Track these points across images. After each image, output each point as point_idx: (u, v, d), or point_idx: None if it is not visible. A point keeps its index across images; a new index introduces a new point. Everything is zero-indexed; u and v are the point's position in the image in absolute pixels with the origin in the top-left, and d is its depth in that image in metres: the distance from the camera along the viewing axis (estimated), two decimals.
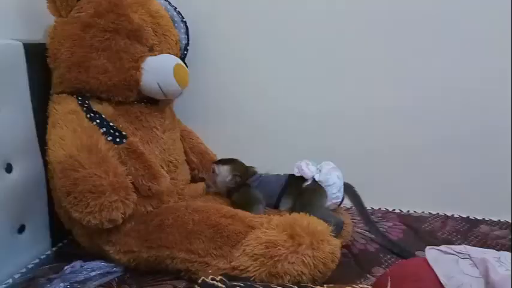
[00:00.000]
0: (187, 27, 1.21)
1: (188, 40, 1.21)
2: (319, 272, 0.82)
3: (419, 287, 0.62)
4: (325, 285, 0.76)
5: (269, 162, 1.09)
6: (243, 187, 1.06)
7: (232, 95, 1.33)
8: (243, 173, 1.08)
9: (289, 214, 0.91)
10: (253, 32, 1.28)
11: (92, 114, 0.97)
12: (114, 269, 0.95)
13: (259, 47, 1.29)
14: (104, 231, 0.91)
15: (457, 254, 0.66)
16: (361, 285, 0.72)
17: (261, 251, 0.82)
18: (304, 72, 1.28)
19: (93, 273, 0.93)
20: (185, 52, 1.21)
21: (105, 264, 0.95)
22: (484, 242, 1.03)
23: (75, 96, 1.00)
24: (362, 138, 1.28)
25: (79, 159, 0.86)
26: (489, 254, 0.64)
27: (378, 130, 1.26)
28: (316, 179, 1.00)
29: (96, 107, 0.99)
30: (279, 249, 0.82)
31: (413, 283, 0.64)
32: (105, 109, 1.00)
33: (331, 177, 0.99)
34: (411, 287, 0.63)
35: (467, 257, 0.65)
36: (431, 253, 0.67)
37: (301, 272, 0.80)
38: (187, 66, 1.10)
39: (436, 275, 0.63)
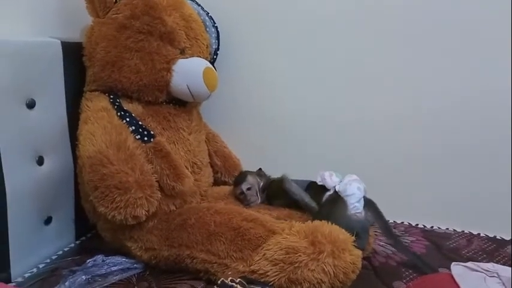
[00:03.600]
0: (218, 32, 1.23)
1: (218, 45, 1.23)
2: (339, 281, 0.81)
3: None
4: None
5: (292, 168, 1.09)
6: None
7: (259, 100, 1.34)
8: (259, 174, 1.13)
9: (311, 221, 0.90)
10: (282, 39, 1.29)
11: (122, 113, 0.99)
12: (135, 265, 0.96)
13: (287, 54, 1.29)
14: (127, 227, 0.93)
15: (484, 271, 0.64)
16: None
17: (281, 257, 0.82)
18: (334, 81, 1.27)
19: (114, 268, 0.95)
20: (215, 56, 1.23)
21: (126, 260, 0.97)
22: (510, 264, 0.99)
23: (107, 94, 1.03)
24: (387, 150, 1.26)
25: (108, 155, 0.88)
26: None
27: (403, 142, 1.24)
28: (337, 189, 0.99)
29: (126, 105, 1.02)
30: (300, 255, 0.81)
31: None
32: (135, 108, 1.03)
33: (350, 187, 0.98)
34: None
35: (496, 275, 0.63)
36: (457, 269, 0.66)
37: (321, 280, 0.80)
38: (216, 70, 1.12)
39: None
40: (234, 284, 0.75)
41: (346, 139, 1.29)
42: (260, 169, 1.15)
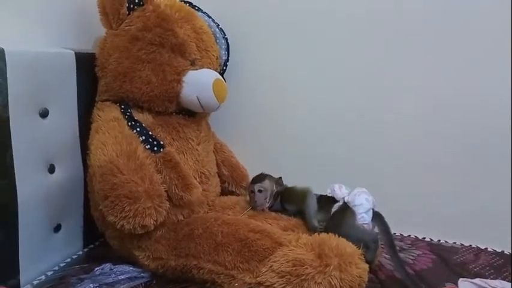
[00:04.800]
0: (228, 44, 1.25)
1: (228, 56, 1.25)
2: None
3: None
4: None
5: (300, 178, 1.10)
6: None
7: (268, 110, 1.35)
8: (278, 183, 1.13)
9: (319, 234, 0.91)
10: (291, 49, 1.30)
11: (133, 123, 1.01)
12: (142, 274, 0.97)
13: (297, 64, 1.30)
14: (135, 236, 0.94)
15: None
16: None
17: (288, 269, 0.82)
18: (346, 90, 1.28)
19: (122, 277, 0.95)
20: (224, 68, 1.25)
21: (134, 269, 0.98)
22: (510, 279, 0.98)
23: (118, 104, 1.05)
24: (396, 161, 1.26)
25: (118, 165, 0.90)
26: None
27: (414, 154, 1.24)
28: (345, 200, 1.00)
29: (137, 115, 1.04)
30: (306, 268, 0.82)
31: None
32: (145, 118, 1.05)
33: (359, 198, 0.99)
34: None
35: None
36: (465, 286, 0.66)
37: None
38: (225, 81, 1.14)
39: None
40: None
41: (358, 151, 1.29)
42: (280, 178, 1.14)
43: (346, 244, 0.85)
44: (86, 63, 1.07)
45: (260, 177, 1.11)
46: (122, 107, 1.04)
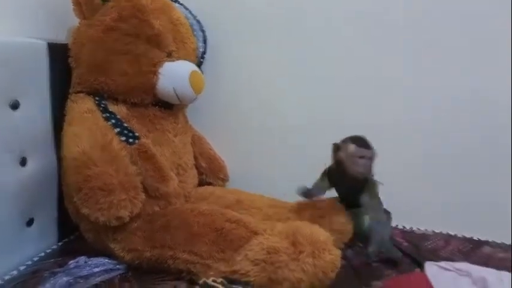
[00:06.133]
0: (205, 36, 1.25)
1: (205, 48, 1.25)
2: (318, 280, 0.83)
3: None
4: None
5: (279, 171, 1.11)
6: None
7: (246, 102, 1.35)
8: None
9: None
10: (270, 43, 1.30)
11: (108, 114, 1.00)
12: (117, 266, 0.96)
13: (275, 57, 1.31)
14: (110, 228, 0.93)
15: (456, 271, 0.67)
16: None
17: (263, 257, 0.84)
18: (325, 84, 1.29)
19: (97, 269, 0.94)
20: (202, 60, 1.25)
21: (109, 261, 0.97)
22: (486, 264, 1.02)
23: (92, 96, 1.03)
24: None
25: (92, 157, 0.89)
26: (490, 273, 0.65)
27: (390, 147, 1.27)
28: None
29: (112, 107, 1.03)
30: (281, 255, 0.83)
31: None
32: (120, 110, 1.04)
33: None
34: None
35: (467, 274, 0.66)
36: (431, 269, 0.68)
37: (301, 279, 0.82)
38: (203, 73, 1.14)
39: None
40: (215, 284, 0.76)
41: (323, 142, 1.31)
42: None
43: (319, 232, 0.87)
44: (59, 54, 1.05)
45: (367, 142, 0.95)
46: (97, 98, 1.03)
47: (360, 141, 0.95)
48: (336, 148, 0.97)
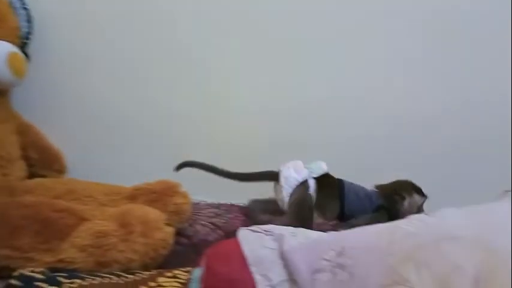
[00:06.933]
0: (29, 15, 1.15)
1: (30, 28, 1.15)
2: (150, 258, 0.86)
3: (227, 264, 0.71)
4: (153, 271, 0.80)
5: (117, 165, 1.09)
6: None
7: (79, 88, 1.28)
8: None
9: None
10: (104, 23, 1.24)
11: None
12: None
13: (112, 39, 1.26)
14: None
15: (263, 231, 0.77)
16: (185, 269, 0.78)
17: (90, 242, 0.83)
18: (167, 68, 1.28)
19: None
20: (26, 41, 1.14)
21: None
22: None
23: None
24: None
25: None
26: (286, 230, 0.77)
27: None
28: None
29: None
30: (110, 238, 0.83)
31: (223, 260, 0.72)
32: None
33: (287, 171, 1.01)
34: (221, 264, 0.71)
35: (271, 233, 0.76)
36: (242, 233, 0.77)
37: (131, 259, 0.84)
38: (28, 56, 1.04)
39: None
40: (33, 274, 0.72)
41: (183, 131, 1.33)
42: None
43: (150, 211, 0.90)
44: None
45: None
46: None
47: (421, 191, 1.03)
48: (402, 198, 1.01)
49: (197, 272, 0.73)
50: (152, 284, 0.75)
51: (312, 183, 1.00)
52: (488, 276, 0.57)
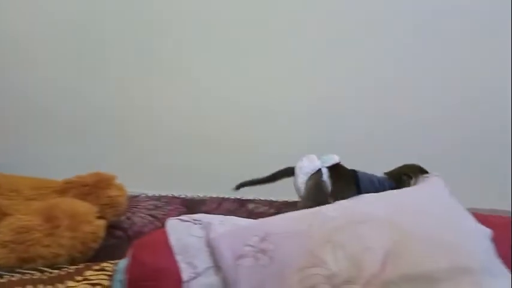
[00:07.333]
0: None
1: None
2: (79, 252, 0.84)
3: (153, 253, 0.71)
4: (80, 265, 0.78)
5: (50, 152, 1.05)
6: None
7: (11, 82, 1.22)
8: None
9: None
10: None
11: None
12: None
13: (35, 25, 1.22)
14: None
15: (192, 221, 0.78)
16: (113, 261, 0.77)
17: (12, 238, 0.79)
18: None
19: None
20: None
21: None
22: (249, 217, 1.20)
23: None
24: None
25: None
26: (214, 218, 0.78)
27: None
28: None
29: None
30: (33, 233, 0.80)
31: (149, 250, 0.73)
32: None
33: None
34: (147, 254, 0.72)
35: (199, 222, 0.77)
36: (171, 222, 0.77)
37: (57, 254, 0.81)
38: None
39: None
40: None
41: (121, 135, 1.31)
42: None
43: (79, 205, 0.88)
44: None
45: None
46: None
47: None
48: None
49: (122, 263, 0.72)
50: (79, 278, 0.74)
51: (325, 171, 1.04)
52: (397, 253, 0.62)
